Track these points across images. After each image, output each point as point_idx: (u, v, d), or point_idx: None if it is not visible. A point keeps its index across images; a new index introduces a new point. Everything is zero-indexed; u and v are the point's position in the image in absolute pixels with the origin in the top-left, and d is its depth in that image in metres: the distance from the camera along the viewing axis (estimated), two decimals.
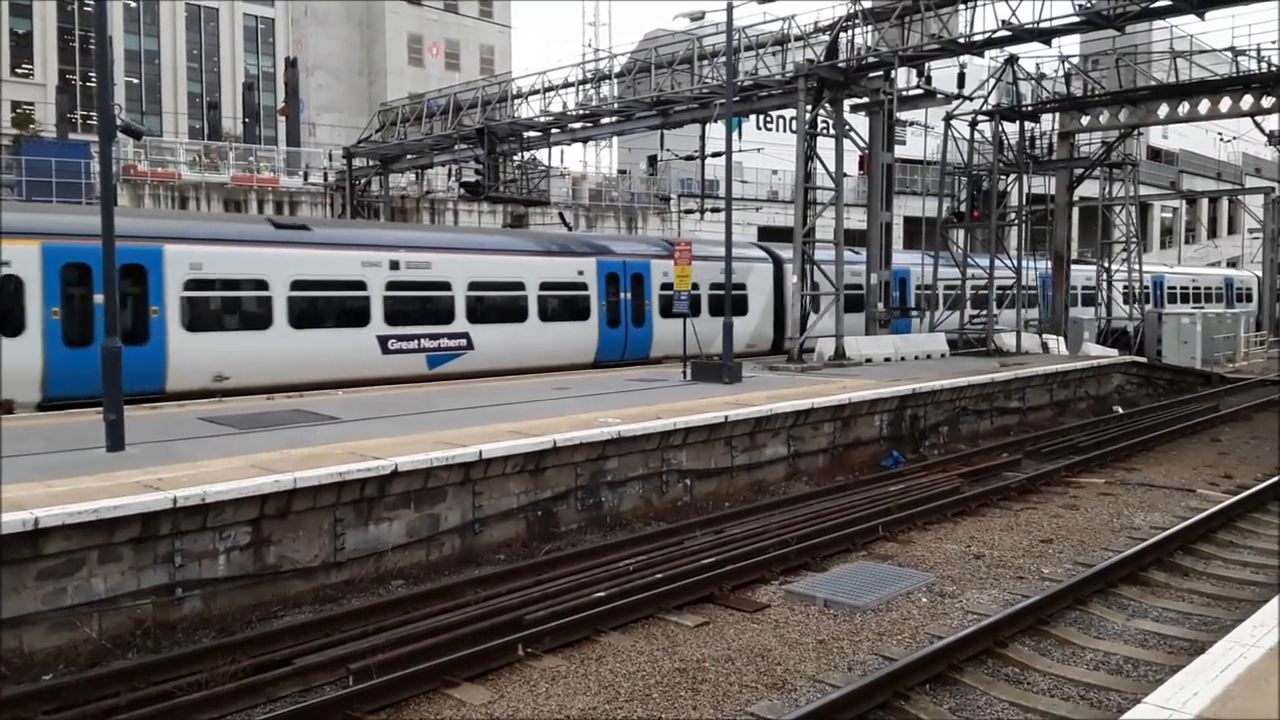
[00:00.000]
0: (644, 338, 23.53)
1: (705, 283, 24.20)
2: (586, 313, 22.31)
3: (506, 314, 20.86)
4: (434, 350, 19.46)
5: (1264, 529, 12.04)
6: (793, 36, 23.18)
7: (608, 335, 22.72)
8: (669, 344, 22.95)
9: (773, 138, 45.53)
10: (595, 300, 22.44)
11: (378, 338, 18.63)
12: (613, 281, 22.94)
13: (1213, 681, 5.09)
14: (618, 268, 23.12)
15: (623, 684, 7.43)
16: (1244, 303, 48.10)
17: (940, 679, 7.40)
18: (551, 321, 21.65)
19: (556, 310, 21.83)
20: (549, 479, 11.75)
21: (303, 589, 9.50)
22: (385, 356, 18.68)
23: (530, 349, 20.96)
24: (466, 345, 19.89)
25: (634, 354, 23.26)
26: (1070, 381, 22.77)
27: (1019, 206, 28.64)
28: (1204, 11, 19.28)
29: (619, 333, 23.01)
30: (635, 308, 23.36)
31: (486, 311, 20.46)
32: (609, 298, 22.80)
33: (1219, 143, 66.62)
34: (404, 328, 19.02)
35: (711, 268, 23.65)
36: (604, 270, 22.75)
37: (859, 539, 11.33)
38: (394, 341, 18.84)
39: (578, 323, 22.19)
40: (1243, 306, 44.89)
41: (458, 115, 30.19)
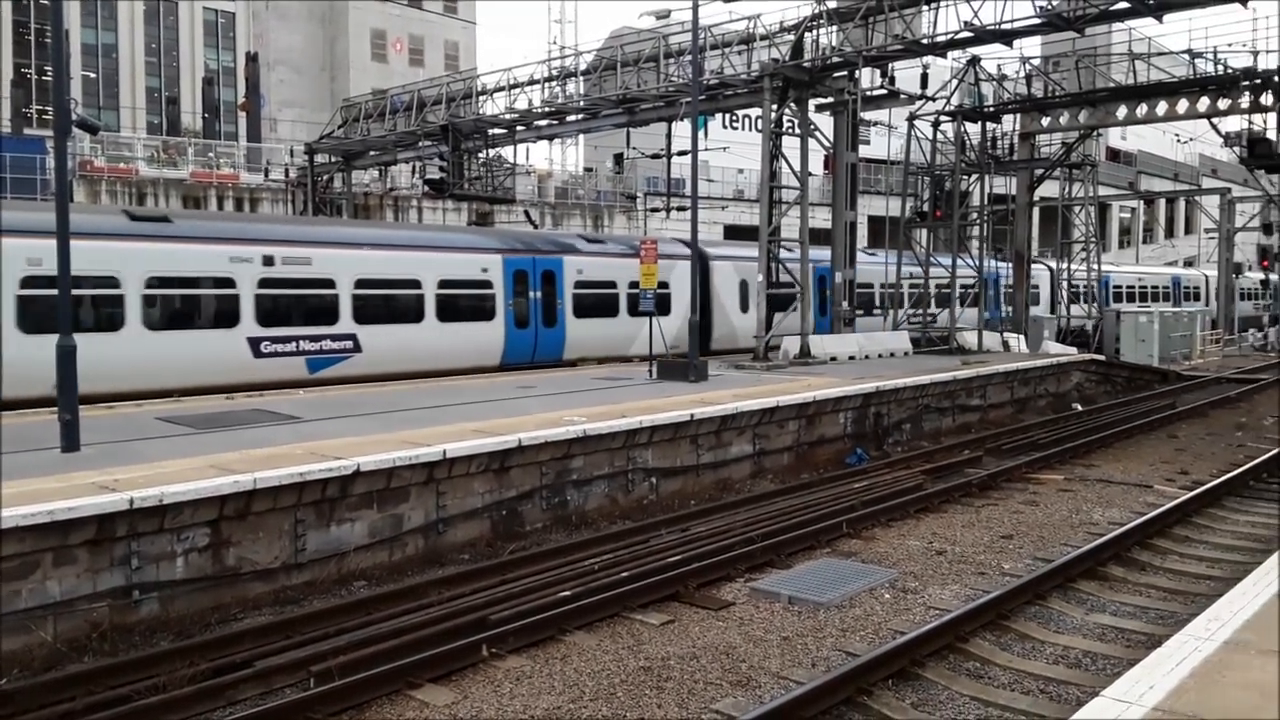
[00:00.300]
0: (556, 339, 22.42)
1: (623, 281, 23.50)
2: (491, 312, 21.14)
3: (400, 314, 19.63)
4: (315, 353, 18.18)
5: (1219, 524, 12.27)
6: (758, 36, 23.28)
7: (515, 336, 21.57)
8: (585, 345, 22.45)
9: (739, 137, 45.67)
10: (501, 299, 21.26)
11: (249, 340, 17.36)
12: (521, 279, 21.75)
13: (1168, 675, 5.18)
14: (526, 264, 21.95)
15: (587, 683, 7.41)
16: (1191, 301, 48.91)
17: (903, 674, 7.46)
18: (452, 322, 20.39)
19: (457, 310, 20.58)
20: (514, 478, 11.70)
21: (263, 591, 9.38)
22: (258, 360, 17.44)
23: (427, 351, 19.75)
24: (353, 348, 18.66)
25: (545, 356, 22.14)
26: (1030, 379, 23.06)
27: (981, 206, 28.96)
28: (1161, 14, 19.59)
29: (527, 334, 21.87)
30: (546, 307, 22.20)
31: (377, 311, 19.21)
32: (516, 296, 21.56)
33: (1176, 144, 67.78)
34: (280, 329, 17.74)
35: (632, 265, 22.60)
36: (511, 267, 21.59)
37: (823, 536, 11.40)
38: (268, 344, 17.56)
39: (481, 323, 20.99)
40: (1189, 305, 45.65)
41: (422, 112, 29.97)
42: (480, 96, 29.40)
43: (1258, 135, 22.60)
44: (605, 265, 23.68)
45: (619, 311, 23.64)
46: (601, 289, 23.50)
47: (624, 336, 23.16)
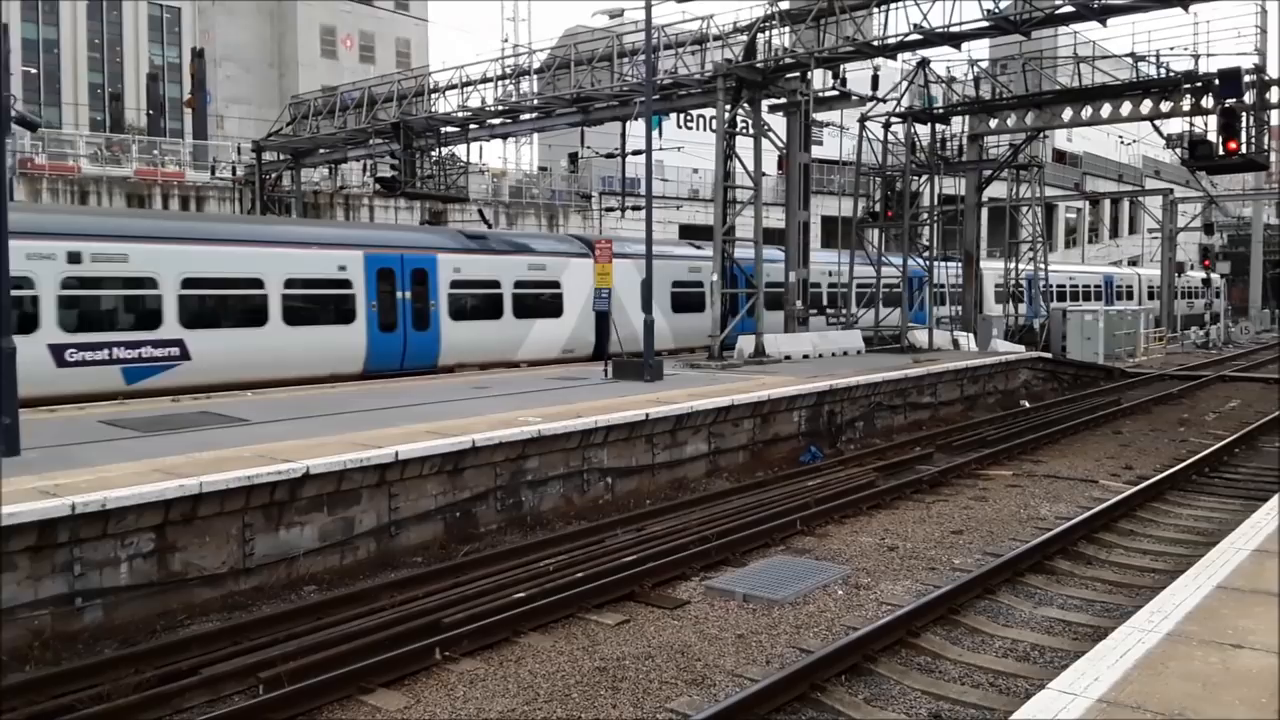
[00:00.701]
0: (428, 344, 20.67)
1: (508, 280, 22.15)
2: (350, 315, 19.33)
3: (239, 317, 17.83)
4: (132, 362, 16.29)
5: (1163, 518, 12.55)
6: (711, 36, 23.36)
7: (380, 341, 19.75)
8: (463, 350, 20.97)
9: (693, 136, 45.80)
10: (362, 300, 19.45)
11: (50, 347, 15.45)
12: (386, 278, 19.97)
13: (1113, 667, 5.28)
14: (393, 262, 20.15)
15: (542, 685, 7.38)
16: (1123, 300, 49.85)
17: (855, 670, 7.52)
18: (302, 325, 18.54)
19: (309, 312, 18.77)
20: (468, 479, 11.61)
21: (210, 596, 9.21)
22: (61, 370, 15.55)
23: (273, 358, 17.94)
24: (180, 355, 16.84)
25: (417, 362, 20.36)
26: (980, 377, 23.41)
27: (931, 207, 29.32)
28: (1105, 18, 19.98)
29: (394, 338, 20.07)
30: (417, 309, 20.43)
31: (209, 314, 17.42)
32: (381, 297, 19.81)
33: (1120, 146, 69.34)
34: (90, 335, 15.95)
35: (518, 263, 21.98)
36: (374, 265, 19.77)
37: (778, 534, 11.47)
38: (74, 352, 15.72)
39: (339, 326, 19.18)
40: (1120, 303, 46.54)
41: (372, 109, 29.63)
42: (433, 94, 29.15)
43: (1199, 137, 23.07)
44: (486, 264, 22.02)
45: (503, 313, 22.06)
46: (482, 289, 21.87)
47: (508, 340, 21.79)
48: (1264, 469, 15.45)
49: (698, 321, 24.27)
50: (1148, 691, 4.96)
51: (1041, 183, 35.19)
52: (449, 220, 38.05)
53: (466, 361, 20.92)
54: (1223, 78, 21.76)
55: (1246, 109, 21.89)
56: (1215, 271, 48.97)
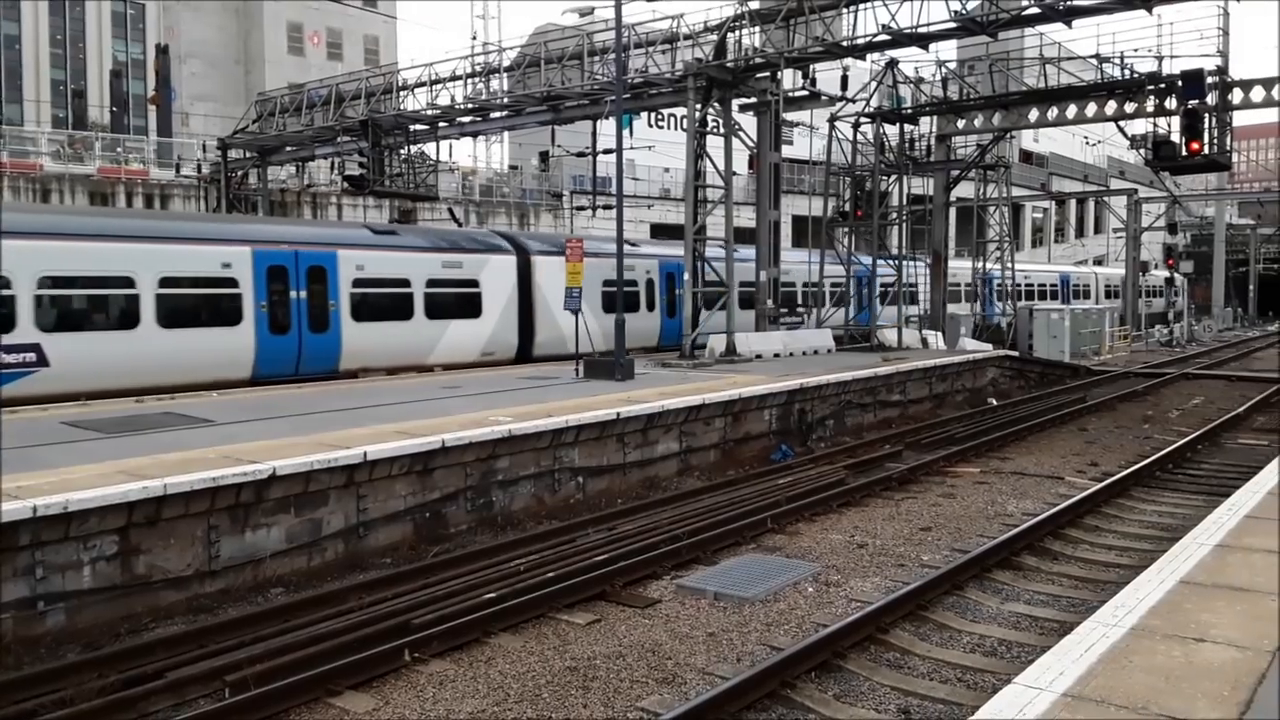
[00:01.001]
0: (327, 347, 19.30)
1: (419, 279, 20.88)
2: (236, 316, 17.95)
3: (106, 319, 16.56)
4: None
5: (1127, 514, 12.71)
6: (682, 35, 23.37)
7: (271, 344, 18.38)
8: (368, 354, 19.74)
9: (664, 135, 45.84)
10: (250, 300, 18.09)
11: None
12: (278, 277, 18.60)
13: (1077, 661, 5.33)
14: (286, 259, 18.74)
15: (512, 685, 7.35)
16: (1080, 299, 50.39)
17: (825, 666, 7.56)
18: (180, 328, 17.20)
19: (187, 313, 17.43)
20: (438, 480, 11.54)
21: (175, 599, 9.09)
22: None
23: (146, 364, 16.51)
24: (37, 361, 15.43)
25: (314, 367, 19.02)
26: (948, 375, 23.61)
27: (900, 206, 29.54)
28: (1071, 20, 20.21)
29: (288, 341, 18.69)
30: (314, 309, 19.05)
31: (73, 316, 16.18)
32: (272, 297, 18.45)
33: (1086, 146, 70.25)
34: None
35: (431, 260, 20.90)
36: (264, 263, 18.41)
37: (748, 532, 11.49)
38: None
39: (223, 329, 17.79)
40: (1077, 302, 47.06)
41: (340, 106, 29.39)
42: (401, 92, 28.95)
43: (1162, 138, 23.41)
44: (395, 260, 20.71)
45: (413, 314, 20.72)
46: (390, 288, 20.55)
47: (420, 343, 20.55)
48: (1226, 465, 15.70)
49: (633, 322, 23.16)
50: (1112, 685, 5.01)
51: (1008, 183, 35.57)
52: (419, 219, 37.86)
53: (372, 366, 19.67)
54: (1185, 79, 22.10)
55: (1209, 110, 22.24)
56: (1179, 271, 49.74)
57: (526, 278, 23.34)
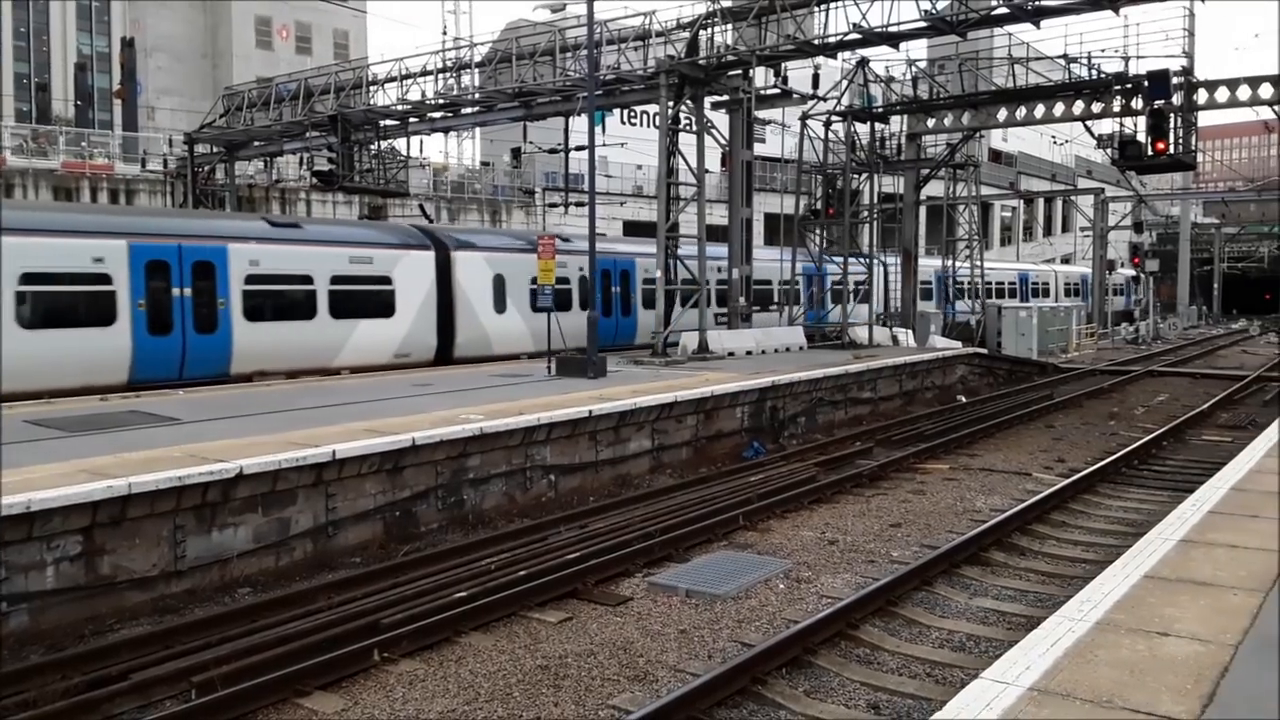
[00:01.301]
0: (217, 348, 18.09)
1: (323, 275, 19.76)
2: (110, 315, 16.69)
3: None
4: None
5: (1094, 509, 12.87)
6: (654, 32, 23.35)
7: (150, 346, 17.09)
8: (264, 355, 18.50)
9: (637, 133, 45.78)
10: (125, 298, 16.87)
11: None
12: (158, 273, 17.35)
13: (1044, 655, 5.38)
14: (168, 253, 17.46)
15: (483, 684, 7.32)
16: (1039, 297, 50.75)
17: (796, 663, 7.59)
18: (45, 329, 15.90)
19: (55, 313, 16.14)
20: (408, 478, 11.47)
21: (141, 600, 8.97)
22: None
23: (7, 366, 15.07)
24: None
25: (202, 370, 17.72)
26: (918, 372, 23.78)
27: (870, 205, 29.71)
28: (1039, 20, 20.40)
29: (170, 342, 17.43)
30: (201, 308, 17.90)
31: None
32: (152, 295, 17.19)
33: (1054, 146, 70.97)
34: None
35: (337, 255, 19.83)
36: (142, 257, 17.14)
37: (720, 529, 11.52)
38: None
39: (94, 329, 16.55)
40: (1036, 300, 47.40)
41: (309, 101, 29.10)
42: (371, 87, 28.70)
43: (1128, 138, 23.68)
44: (295, 255, 19.46)
45: (316, 313, 19.51)
46: (290, 285, 19.33)
47: (324, 344, 19.45)
48: (1190, 461, 15.93)
49: (566, 322, 22.46)
50: (1077, 679, 5.06)
51: (977, 182, 35.86)
52: (389, 215, 37.62)
53: (270, 368, 18.47)
54: (1151, 79, 22.37)
55: (1174, 110, 22.53)
56: (1144, 270, 50.41)
57: (446, 275, 22.19)
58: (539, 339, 22.88)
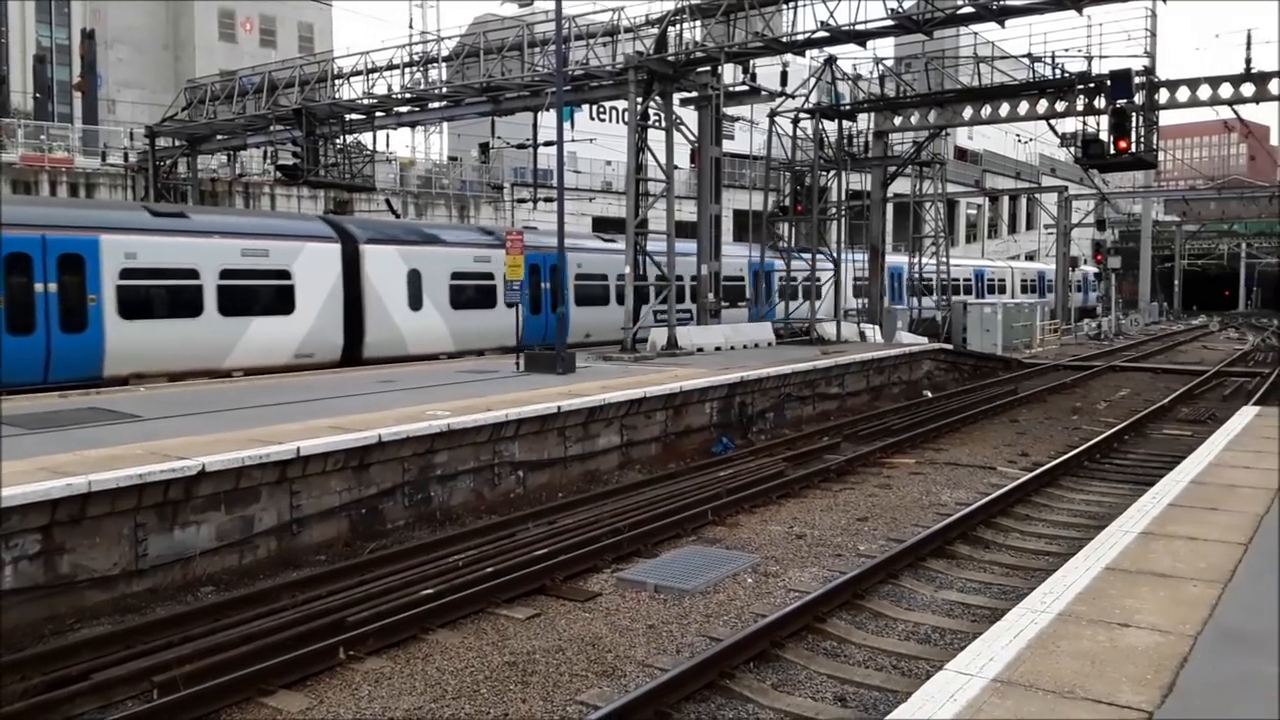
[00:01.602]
0: (86, 348, 16.78)
1: (212, 269, 18.46)
2: None
3: None
4: None
5: (1057, 503, 13.03)
6: (623, 28, 23.34)
7: (9, 347, 15.84)
8: (143, 356, 17.25)
9: (606, 128, 45.73)
10: None
11: None
12: (18, 266, 16.08)
13: (1007, 646, 5.44)
14: (29, 245, 16.16)
15: (450, 681, 7.28)
16: (995, 293, 51.20)
17: (763, 656, 7.61)
18: None
19: None
20: (374, 475, 11.38)
21: (101, 599, 8.83)
22: None
23: None
24: None
25: (69, 373, 16.41)
26: (885, 368, 23.95)
27: (838, 202, 29.88)
28: (1004, 19, 20.61)
29: (32, 342, 16.14)
30: (67, 305, 16.60)
31: None
32: (11, 290, 15.94)
33: (1018, 144, 71.77)
34: None
35: (227, 247, 18.66)
36: None
37: (689, 524, 11.53)
38: None
39: None
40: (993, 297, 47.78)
41: (273, 94, 28.79)
42: (337, 80, 28.45)
43: (1091, 136, 23.96)
44: (179, 247, 18.13)
45: (203, 310, 18.31)
46: (172, 279, 18.03)
47: (212, 343, 18.28)
48: (1151, 455, 16.17)
49: (489, 321, 22.14)
50: (1040, 670, 5.12)
51: (943, 179, 36.21)
52: (355, 210, 37.29)
53: (149, 371, 17.18)
54: (1114, 79, 22.66)
55: (1136, 109, 22.84)
56: (1107, 267, 51.15)
57: (355, 269, 20.92)
58: (460, 338, 22.49)
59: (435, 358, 21.55)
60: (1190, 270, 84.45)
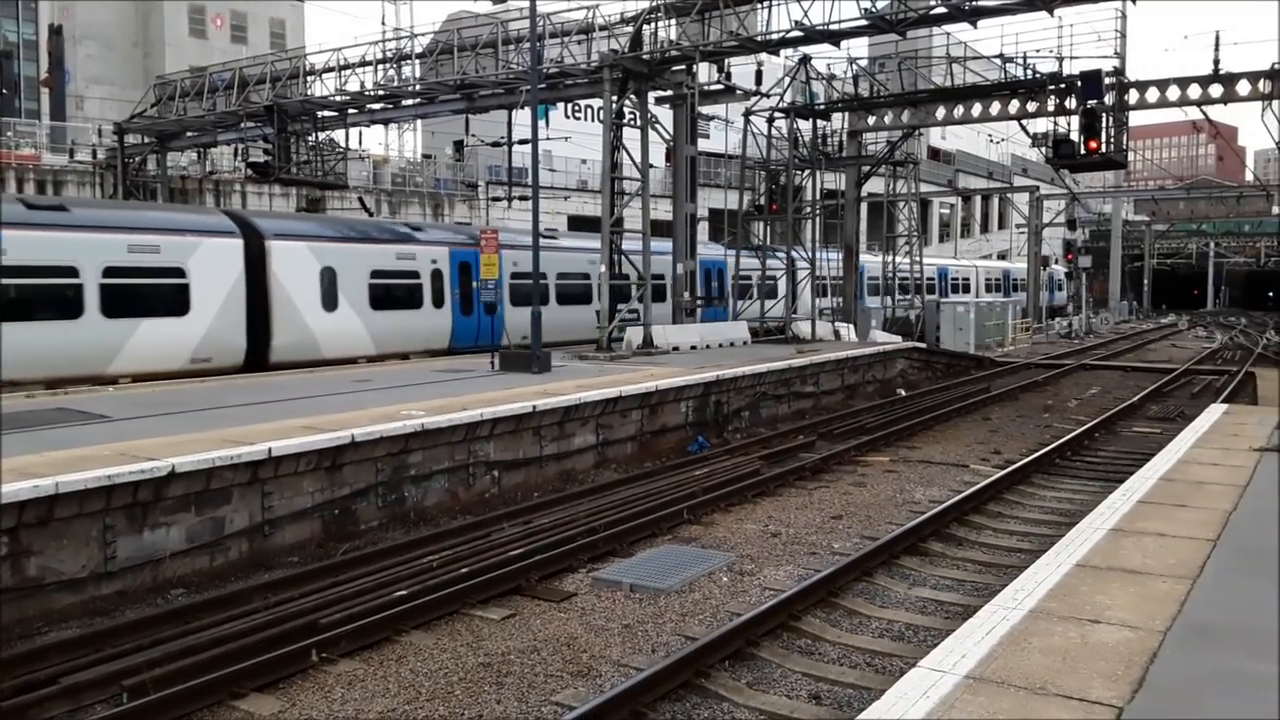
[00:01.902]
0: None
1: (93, 267, 16.93)
2: None
3: None
4: None
5: (1028, 500, 13.14)
6: (597, 26, 23.31)
7: None
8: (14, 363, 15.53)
9: (581, 127, 45.63)
10: None
11: None
12: None
13: (979, 643, 5.48)
14: None
15: (424, 683, 7.23)
16: (959, 293, 51.45)
17: (739, 655, 7.62)
18: None
19: None
20: (347, 475, 11.29)
21: (70, 602, 8.71)
22: None
23: None
24: None
25: None
26: (859, 366, 24.07)
27: (813, 201, 30.01)
28: (976, 20, 20.77)
29: None
30: None
31: None
32: None
33: (990, 144, 72.37)
34: None
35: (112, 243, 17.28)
36: None
37: (665, 523, 11.53)
38: None
39: None
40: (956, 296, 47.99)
41: (244, 91, 28.52)
42: (309, 77, 28.22)
43: (1062, 137, 24.21)
44: (55, 243, 16.72)
45: (83, 310, 16.85)
46: (46, 278, 16.58)
47: (93, 347, 16.88)
48: (1121, 452, 16.35)
49: (414, 322, 21.14)
50: (1012, 666, 5.16)
51: (917, 179, 36.44)
52: (327, 208, 37.01)
53: (22, 377, 15.53)
54: (1084, 79, 22.89)
55: (1106, 110, 23.09)
56: (1078, 266, 51.67)
57: (260, 267, 19.42)
58: (382, 341, 21.05)
59: (353, 362, 20.09)
60: (1159, 269, 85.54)
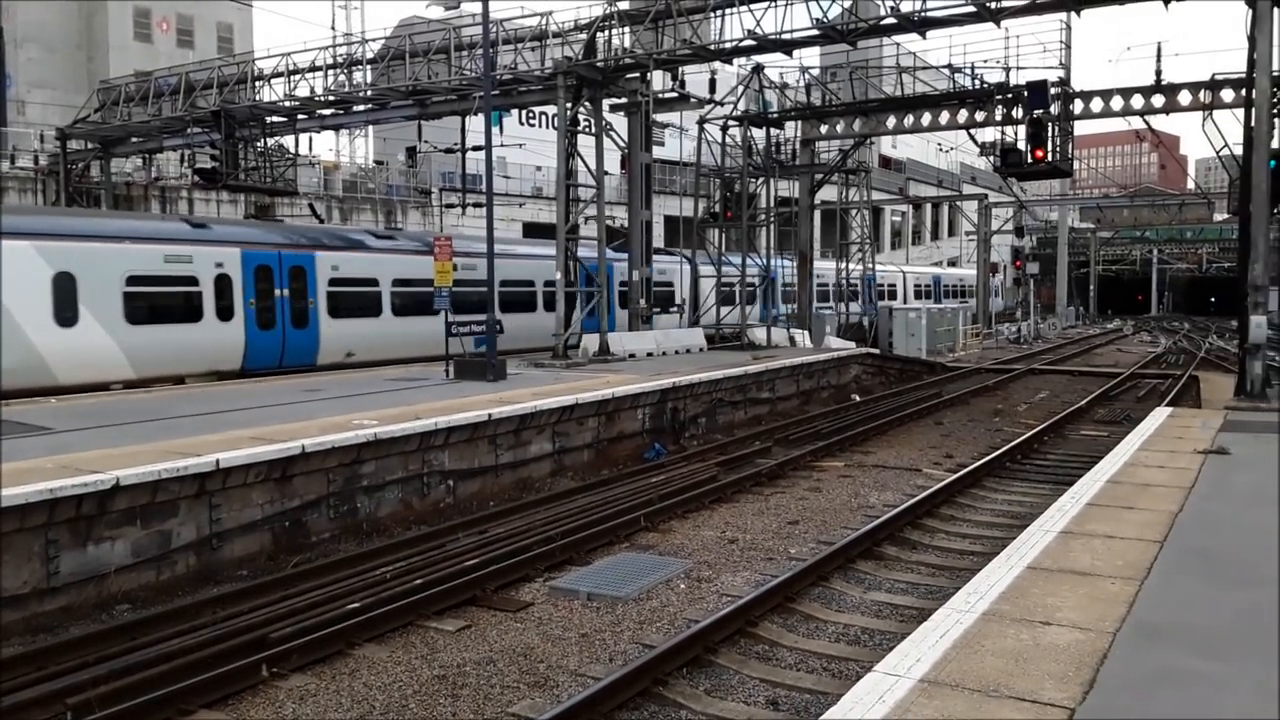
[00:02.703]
0: None
1: None
2: None
3: None
4: None
5: (980, 503, 13.31)
6: (551, 33, 23.26)
7: None
8: None
9: (536, 134, 45.46)
10: None
11: None
12: None
13: (933, 647, 5.52)
14: None
15: (378, 697, 7.12)
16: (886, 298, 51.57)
17: (697, 662, 7.61)
18: None
19: None
20: (297, 487, 11.11)
21: (11, 619, 8.45)
22: None
23: None
24: None
25: None
26: (814, 372, 24.24)
27: (767, 208, 30.19)
28: (925, 31, 21.05)
29: None
30: None
31: None
32: None
33: (940, 153, 73.46)
34: None
35: None
36: None
37: (622, 531, 11.50)
38: None
39: None
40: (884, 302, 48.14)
41: (191, 96, 28.03)
42: (257, 82, 27.80)
43: (1009, 145, 24.59)
44: None
45: None
46: None
47: None
48: (1070, 455, 16.63)
49: (191, 337, 18.62)
50: (966, 669, 5.21)
51: (869, 187, 36.82)
52: (277, 214, 36.46)
53: None
54: (1031, 90, 23.29)
55: (1052, 119, 23.51)
56: (1025, 272, 52.57)
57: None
58: (143, 362, 17.96)
59: (105, 388, 16.92)
60: (1105, 275, 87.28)
